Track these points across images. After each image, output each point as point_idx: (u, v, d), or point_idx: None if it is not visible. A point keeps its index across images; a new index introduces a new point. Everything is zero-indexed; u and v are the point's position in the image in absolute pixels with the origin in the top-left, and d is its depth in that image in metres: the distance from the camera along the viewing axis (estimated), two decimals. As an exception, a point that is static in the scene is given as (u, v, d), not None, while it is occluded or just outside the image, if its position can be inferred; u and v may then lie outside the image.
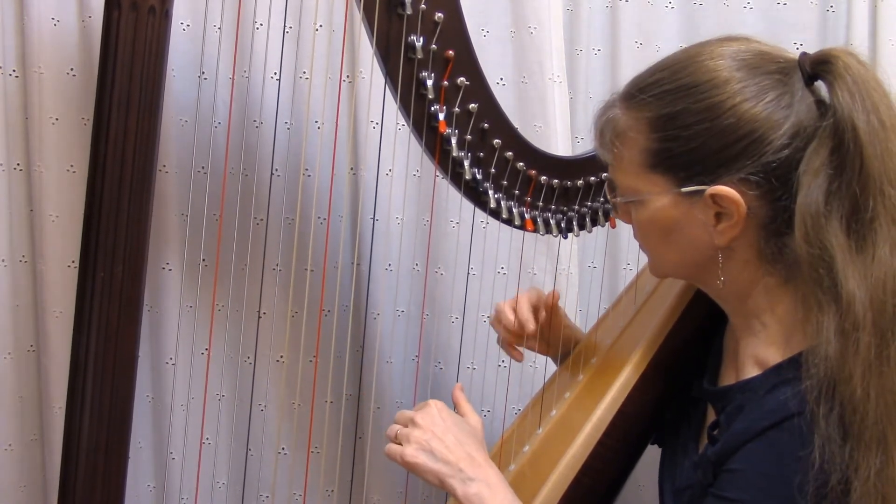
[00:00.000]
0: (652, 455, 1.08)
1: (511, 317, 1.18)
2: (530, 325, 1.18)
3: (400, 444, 0.96)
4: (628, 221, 0.96)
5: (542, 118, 1.39)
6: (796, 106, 0.83)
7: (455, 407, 1.05)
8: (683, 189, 0.86)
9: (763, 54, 0.86)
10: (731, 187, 0.84)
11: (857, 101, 0.80)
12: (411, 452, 0.94)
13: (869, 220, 0.79)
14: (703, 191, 0.85)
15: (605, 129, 0.92)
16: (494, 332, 1.24)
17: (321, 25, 1.33)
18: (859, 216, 0.80)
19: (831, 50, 0.84)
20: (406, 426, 0.97)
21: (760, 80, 0.84)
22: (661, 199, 0.88)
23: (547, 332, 1.23)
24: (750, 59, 0.85)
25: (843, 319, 0.78)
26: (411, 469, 0.95)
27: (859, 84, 0.80)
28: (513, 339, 1.20)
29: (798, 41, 1.44)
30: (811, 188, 0.81)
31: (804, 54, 0.86)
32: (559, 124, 1.40)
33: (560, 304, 1.24)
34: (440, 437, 0.95)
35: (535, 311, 1.20)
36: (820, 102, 0.84)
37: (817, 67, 0.84)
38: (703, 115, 0.84)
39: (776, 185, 0.83)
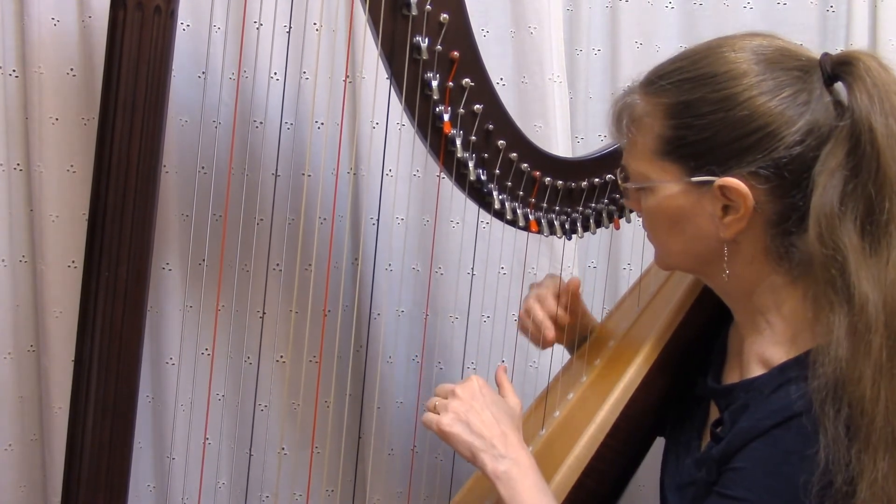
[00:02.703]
0: (653, 455, 1.08)
1: (540, 315, 1.17)
2: (555, 325, 1.17)
3: (437, 413, 0.97)
4: (638, 209, 0.96)
5: (542, 118, 1.39)
6: (813, 104, 0.84)
7: (497, 387, 1.06)
8: (693, 178, 0.87)
9: (785, 51, 0.87)
10: (741, 180, 0.84)
11: (876, 104, 0.80)
12: (448, 422, 0.96)
13: (885, 223, 0.80)
14: (712, 181, 0.85)
15: (623, 113, 0.92)
16: (520, 330, 1.23)
17: (322, 25, 1.33)
18: (874, 218, 0.80)
19: (854, 51, 0.85)
20: (446, 398, 0.98)
21: (778, 76, 0.84)
22: (670, 187, 0.89)
23: (565, 320, 1.20)
24: (770, 55, 0.86)
25: (855, 320, 0.79)
26: (445, 438, 0.96)
27: (879, 87, 0.81)
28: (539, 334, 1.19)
29: (798, 41, 1.43)
30: (826, 188, 0.81)
31: (826, 54, 0.86)
32: (559, 124, 1.40)
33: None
34: (478, 411, 0.96)
35: (557, 300, 1.18)
36: (838, 104, 0.85)
37: (838, 68, 0.84)
38: (718, 105, 0.84)
39: (786, 182, 0.84)
